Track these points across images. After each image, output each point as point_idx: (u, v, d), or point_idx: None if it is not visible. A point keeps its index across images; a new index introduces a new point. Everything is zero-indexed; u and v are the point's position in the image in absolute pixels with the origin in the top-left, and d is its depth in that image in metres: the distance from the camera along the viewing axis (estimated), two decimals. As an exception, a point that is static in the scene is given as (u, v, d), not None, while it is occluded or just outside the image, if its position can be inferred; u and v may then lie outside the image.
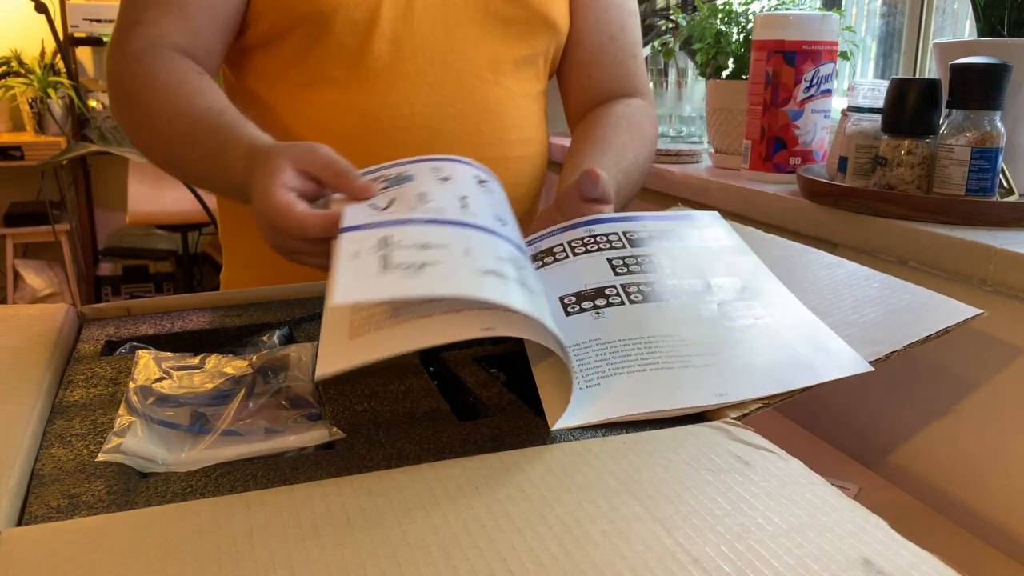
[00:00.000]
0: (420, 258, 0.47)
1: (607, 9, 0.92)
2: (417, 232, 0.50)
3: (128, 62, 0.76)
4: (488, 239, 0.52)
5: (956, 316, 0.58)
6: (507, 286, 0.47)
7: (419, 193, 0.56)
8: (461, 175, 0.61)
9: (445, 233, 0.51)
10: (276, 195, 0.56)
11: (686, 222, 0.72)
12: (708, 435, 0.48)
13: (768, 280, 0.65)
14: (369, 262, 0.47)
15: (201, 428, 0.51)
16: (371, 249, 0.48)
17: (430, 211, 0.53)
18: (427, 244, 0.49)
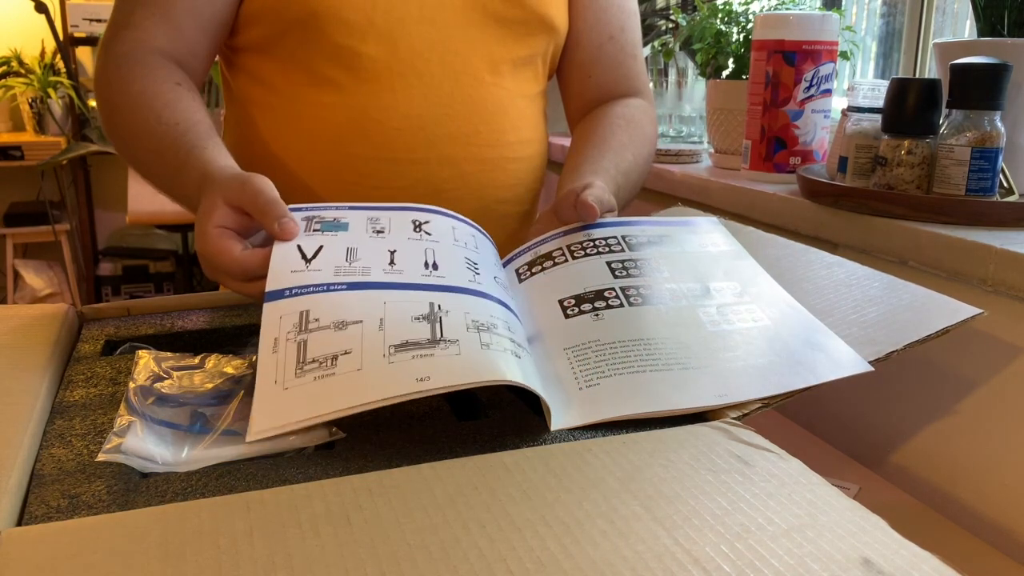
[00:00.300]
0: (335, 345, 0.50)
1: (607, 9, 0.92)
2: (336, 303, 0.53)
3: (110, 67, 0.77)
4: (408, 296, 0.55)
5: (956, 316, 0.58)
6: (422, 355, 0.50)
7: (348, 248, 0.59)
8: (396, 224, 0.63)
9: (364, 301, 0.54)
10: (209, 235, 0.59)
11: (685, 228, 0.72)
12: (708, 435, 0.48)
13: (767, 283, 0.65)
14: (287, 358, 0.50)
15: (201, 428, 0.51)
16: (290, 333, 0.52)
17: (354, 272, 0.56)
18: (343, 321, 0.52)
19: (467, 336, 0.51)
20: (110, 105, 0.76)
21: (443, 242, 0.62)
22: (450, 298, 0.55)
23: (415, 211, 0.65)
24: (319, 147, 0.82)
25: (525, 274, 0.67)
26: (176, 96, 0.74)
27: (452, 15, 0.83)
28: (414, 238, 0.62)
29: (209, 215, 0.60)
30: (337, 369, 0.49)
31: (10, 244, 3.12)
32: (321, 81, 0.81)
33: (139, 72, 0.75)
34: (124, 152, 0.78)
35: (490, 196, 0.85)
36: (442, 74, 0.83)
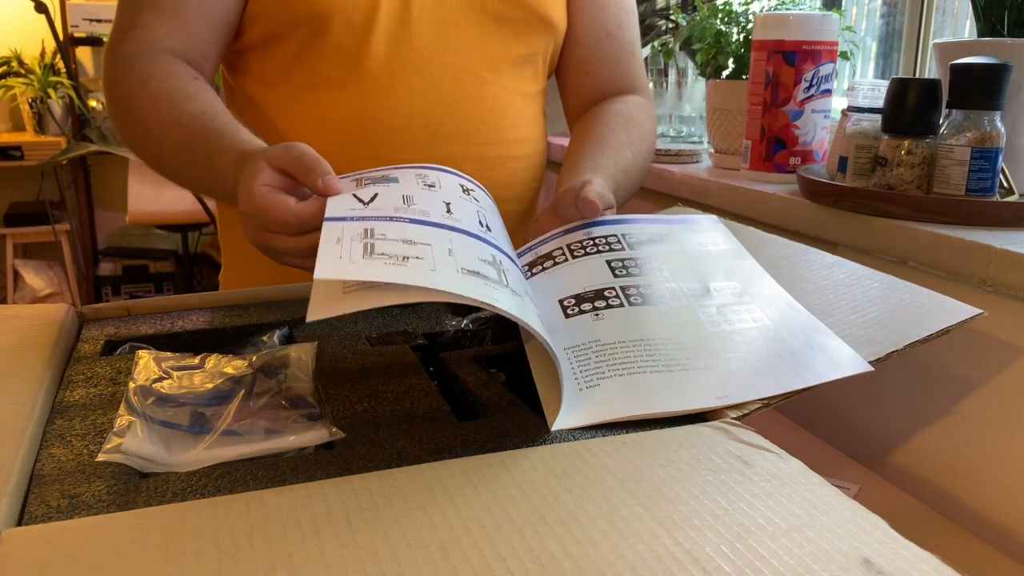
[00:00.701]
0: (403, 251, 0.47)
1: (604, 7, 0.92)
2: (400, 229, 0.51)
3: (122, 67, 0.76)
4: (471, 242, 0.53)
5: (956, 316, 0.58)
6: (488, 287, 0.48)
7: (403, 195, 0.56)
8: (446, 183, 0.62)
9: (428, 233, 0.51)
10: (257, 193, 0.57)
11: (685, 226, 0.72)
12: (708, 435, 0.48)
13: (767, 283, 0.65)
14: (353, 248, 0.47)
15: (201, 428, 0.51)
16: (354, 237, 0.48)
17: (414, 212, 0.54)
18: (411, 240, 0.49)
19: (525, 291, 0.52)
20: (126, 104, 0.76)
21: (489, 211, 0.61)
22: (505, 259, 0.54)
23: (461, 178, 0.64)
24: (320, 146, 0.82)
25: (526, 275, 0.67)
26: (196, 89, 0.74)
27: (452, 15, 0.83)
28: (464, 199, 0.60)
29: (254, 177, 0.58)
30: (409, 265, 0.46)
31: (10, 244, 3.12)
32: (322, 81, 0.82)
33: (154, 69, 0.75)
34: (143, 149, 0.77)
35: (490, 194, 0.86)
36: (442, 73, 0.83)
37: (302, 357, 0.60)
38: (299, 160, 0.58)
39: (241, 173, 0.61)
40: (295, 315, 0.70)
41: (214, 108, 0.72)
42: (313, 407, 0.54)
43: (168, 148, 0.73)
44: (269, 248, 0.59)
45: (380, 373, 0.58)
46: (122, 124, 0.78)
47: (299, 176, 0.58)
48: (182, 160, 0.72)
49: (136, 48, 0.76)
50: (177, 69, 0.75)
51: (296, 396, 0.55)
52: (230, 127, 0.69)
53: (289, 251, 0.59)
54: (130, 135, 0.78)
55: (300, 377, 0.58)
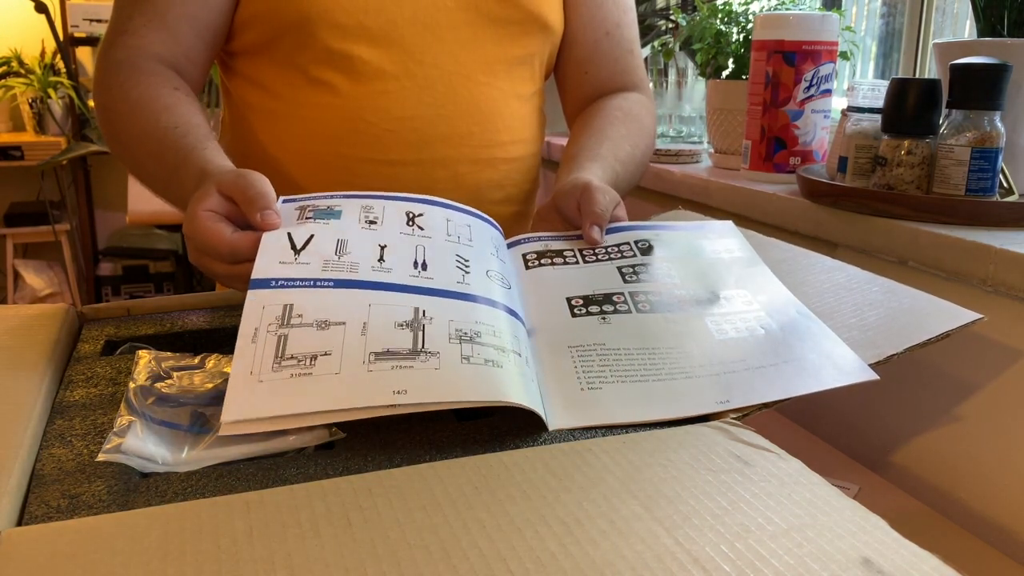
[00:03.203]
0: (315, 345, 0.50)
1: (602, 6, 0.92)
2: (320, 301, 0.53)
3: (109, 73, 0.77)
4: (394, 298, 0.54)
5: (956, 320, 0.58)
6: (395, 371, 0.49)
7: (339, 239, 0.59)
8: (389, 215, 0.63)
9: (349, 301, 0.53)
10: (198, 217, 0.59)
11: (699, 232, 0.72)
12: (708, 435, 0.48)
13: (778, 290, 0.65)
14: (265, 351, 0.49)
15: (201, 428, 0.51)
16: (271, 324, 0.51)
17: (342, 267, 0.56)
18: (326, 321, 0.51)
19: (448, 348, 0.51)
20: (109, 111, 0.77)
21: (435, 238, 0.62)
22: (436, 303, 0.55)
23: (410, 202, 0.65)
24: (313, 148, 0.82)
25: (533, 263, 0.67)
26: (174, 100, 0.74)
27: (445, 16, 0.83)
28: (406, 232, 0.61)
29: (200, 200, 0.60)
30: (315, 370, 0.48)
31: (10, 244, 3.12)
32: (315, 83, 0.82)
33: (137, 78, 0.75)
34: (122, 156, 0.78)
35: (484, 196, 0.86)
36: (435, 75, 0.83)
37: (302, 357, 0.59)
38: (245, 191, 0.60)
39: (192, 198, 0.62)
40: (295, 315, 0.70)
41: (188, 122, 0.72)
42: (313, 407, 0.54)
43: (143, 158, 0.75)
44: (206, 270, 0.61)
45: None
46: (105, 130, 0.79)
47: (242, 206, 0.60)
48: (153, 170, 0.74)
49: (124, 55, 0.77)
50: (159, 79, 0.76)
51: (296, 396, 0.55)
52: (199, 143, 0.70)
53: (222, 277, 0.61)
54: (112, 142, 0.79)
55: (300, 377, 0.57)
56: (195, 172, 0.66)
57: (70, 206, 3.23)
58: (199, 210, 0.59)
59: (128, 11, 0.79)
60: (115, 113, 0.76)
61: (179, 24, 0.78)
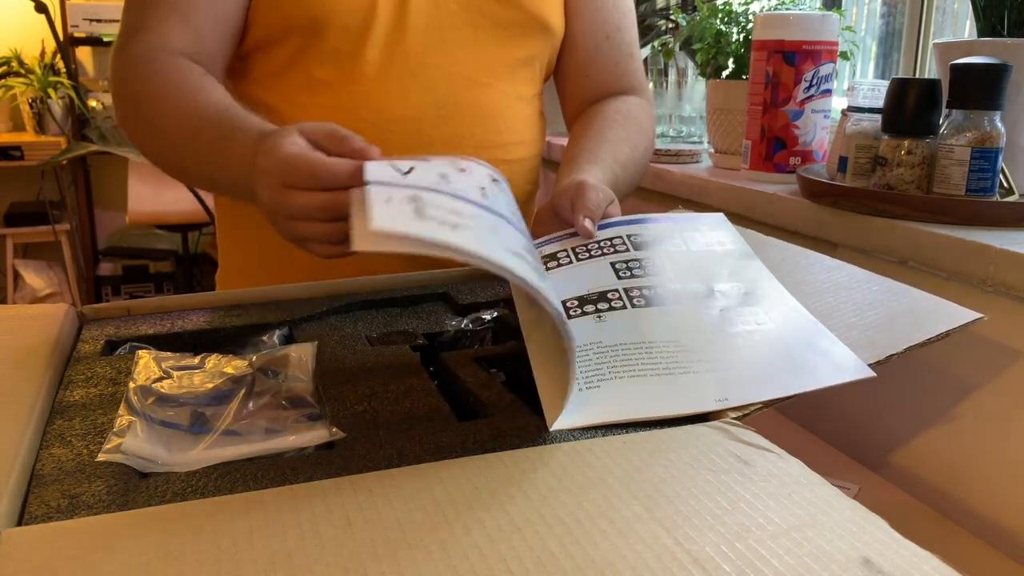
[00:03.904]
0: (452, 220, 0.46)
1: (602, 10, 0.92)
2: (446, 201, 0.49)
3: (131, 67, 0.76)
4: (508, 228, 0.52)
5: (956, 320, 0.58)
6: (532, 272, 0.47)
7: (439, 173, 0.54)
8: (477, 170, 0.61)
9: (471, 210, 0.50)
10: (285, 147, 0.56)
11: (690, 224, 0.72)
12: (708, 435, 0.48)
13: (772, 285, 0.65)
14: (403, 208, 0.45)
15: (201, 428, 0.51)
16: (403, 200, 0.47)
17: (454, 190, 0.52)
18: (457, 212, 0.48)
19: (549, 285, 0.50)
20: (135, 101, 0.76)
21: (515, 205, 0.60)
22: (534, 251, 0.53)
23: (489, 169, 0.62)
24: None
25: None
26: (208, 83, 0.74)
27: (449, 18, 0.83)
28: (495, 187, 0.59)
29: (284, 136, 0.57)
30: (460, 231, 0.45)
31: (10, 244, 3.12)
32: (316, 84, 0.82)
33: (164, 67, 0.74)
34: (151, 147, 0.77)
35: None
36: (437, 76, 0.83)
37: (302, 357, 0.60)
38: (333, 132, 0.57)
39: (265, 142, 0.59)
40: (295, 315, 0.70)
41: (227, 100, 0.71)
42: (313, 407, 0.54)
43: (177, 140, 0.73)
44: (285, 208, 0.57)
45: (380, 373, 0.58)
46: (130, 124, 0.78)
47: (333, 144, 0.57)
48: (192, 151, 0.72)
49: (144, 50, 0.76)
50: (187, 67, 0.75)
51: (296, 396, 0.55)
52: (245, 115, 0.69)
53: (308, 208, 0.56)
54: (138, 134, 0.77)
55: (300, 377, 0.58)
56: (251, 137, 0.64)
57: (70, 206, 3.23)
58: (284, 143, 0.56)
59: (144, 9, 0.78)
60: (142, 102, 0.75)
61: (199, 20, 0.78)
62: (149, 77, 0.74)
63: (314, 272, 0.82)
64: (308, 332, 0.67)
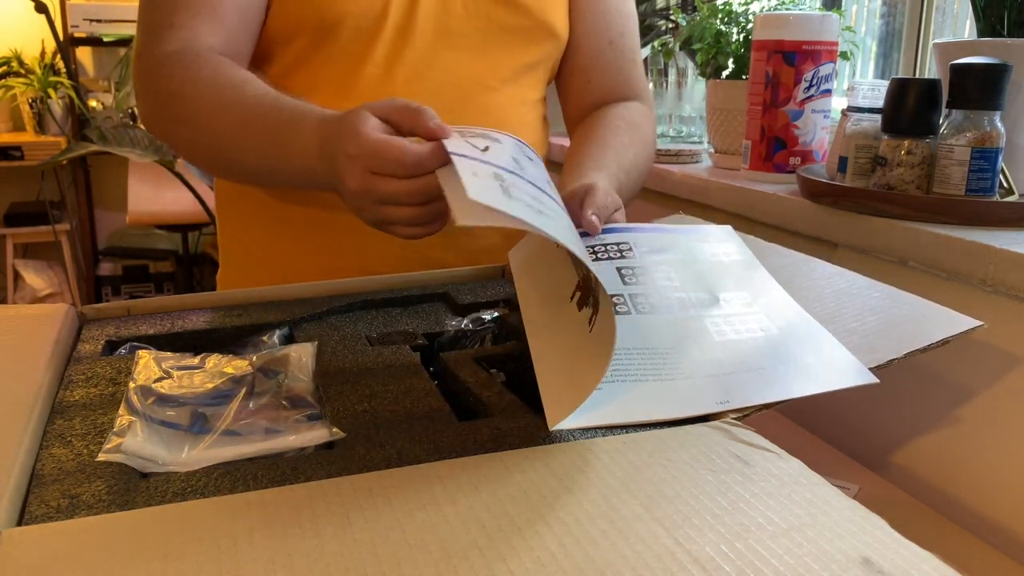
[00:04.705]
0: (536, 205, 0.47)
1: (605, 14, 0.92)
2: (524, 186, 0.50)
3: (164, 63, 0.75)
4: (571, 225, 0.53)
5: (956, 327, 0.58)
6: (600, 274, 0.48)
7: (513, 157, 0.55)
8: (539, 162, 0.61)
9: (548, 201, 0.50)
10: (370, 134, 0.57)
11: (698, 235, 0.72)
12: (708, 435, 0.48)
13: (777, 292, 0.65)
14: (491, 184, 0.46)
15: (201, 428, 0.51)
16: (488, 176, 0.47)
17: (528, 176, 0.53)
18: (538, 199, 0.48)
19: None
20: (173, 98, 0.74)
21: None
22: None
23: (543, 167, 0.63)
24: None
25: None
26: (250, 75, 0.73)
27: (456, 23, 0.83)
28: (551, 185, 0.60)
29: (363, 122, 0.58)
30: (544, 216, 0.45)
31: (10, 244, 3.12)
32: (324, 85, 0.82)
33: (202, 62, 0.74)
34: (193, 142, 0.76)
35: None
36: (445, 80, 0.83)
37: (302, 357, 0.60)
38: (405, 107, 0.58)
39: (338, 126, 0.60)
40: (295, 315, 0.70)
41: (272, 91, 0.71)
42: (313, 407, 0.54)
43: (228, 131, 0.72)
44: (375, 193, 0.58)
45: (380, 373, 0.58)
46: (169, 119, 0.76)
47: (406, 122, 0.58)
48: (247, 141, 0.71)
49: (178, 46, 0.75)
50: (224, 60, 0.75)
51: (296, 396, 0.55)
52: (298, 102, 0.69)
53: (398, 195, 0.57)
54: (177, 130, 0.76)
55: (300, 377, 0.58)
56: (313, 122, 0.64)
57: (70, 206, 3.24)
58: (366, 128, 0.57)
59: (169, 7, 0.77)
60: (182, 97, 0.73)
61: (228, 16, 0.77)
62: (188, 71, 0.73)
63: (314, 272, 0.82)
64: (308, 332, 0.67)
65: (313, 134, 0.65)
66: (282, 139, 0.68)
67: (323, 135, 0.64)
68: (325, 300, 0.74)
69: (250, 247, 0.91)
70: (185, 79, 0.73)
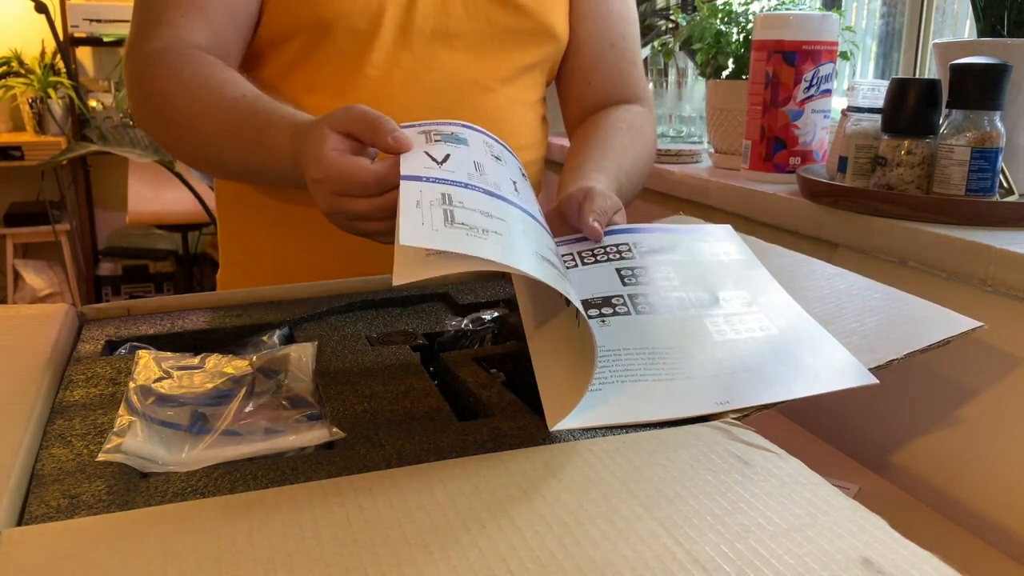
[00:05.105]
0: (482, 223, 0.47)
1: (607, 17, 0.92)
2: (477, 199, 0.50)
3: (151, 61, 0.75)
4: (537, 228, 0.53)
5: (956, 328, 0.58)
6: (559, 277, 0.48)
7: (475, 161, 0.55)
8: (510, 160, 0.61)
9: (504, 209, 0.51)
10: (329, 157, 0.57)
11: (697, 235, 0.72)
12: (708, 435, 0.48)
13: (777, 292, 0.65)
14: (434, 214, 0.46)
15: (201, 428, 0.51)
16: (434, 202, 0.48)
17: (487, 183, 0.53)
18: (488, 213, 0.48)
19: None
20: (161, 96, 0.75)
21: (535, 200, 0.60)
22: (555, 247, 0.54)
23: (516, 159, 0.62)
24: None
25: None
26: (232, 76, 0.74)
27: (455, 24, 0.83)
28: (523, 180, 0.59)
29: (322, 143, 0.58)
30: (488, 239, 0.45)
31: (10, 244, 3.12)
32: (322, 86, 0.82)
33: (186, 61, 0.74)
34: (179, 141, 0.77)
35: None
36: (443, 81, 0.83)
37: (302, 357, 0.60)
38: (363, 119, 0.58)
39: (304, 143, 0.61)
40: (295, 315, 0.70)
41: (254, 92, 0.72)
42: (313, 407, 0.54)
43: (211, 134, 0.72)
44: (344, 213, 0.59)
45: (380, 373, 0.58)
46: (156, 118, 0.77)
47: (365, 136, 0.58)
48: (227, 143, 0.72)
49: (164, 44, 0.75)
50: (208, 59, 0.75)
51: (296, 396, 0.55)
52: (276, 105, 0.69)
53: (368, 213, 0.58)
54: (164, 129, 0.77)
55: (300, 377, 0.58)
56: (287, 129, 0.65)
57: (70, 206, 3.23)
58: (326, 151, 0.58)
59: (160, 4, 0.77)
60: (170, 96, 0.74)
61: (217, 15, 0.77)
62: (175, 70, 0.74)
63: (314, 272, 0.82)
64: (308, 332, 0.67)
65: (287, 141, 0.65)
66: (258, 143, 0.68)
67: (295, 144, 0.64)
68: (325, 300, 0.74)
69: (250, 247, 0.91)
70: (170, 79, 0.74)
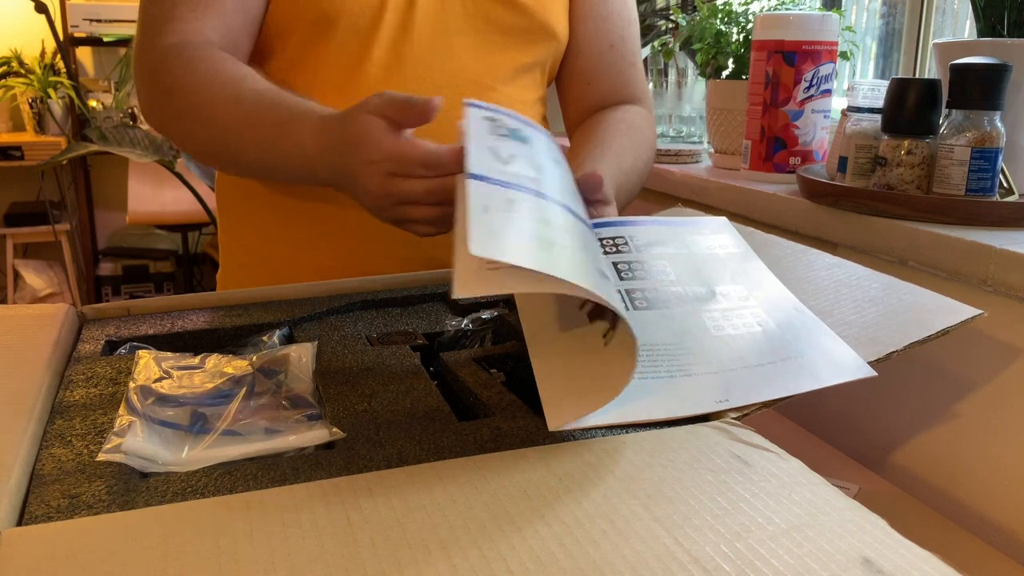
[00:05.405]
0: (548, 234, 0.46)
1: (607, 18, 0.92)
2: (541, 207, 0.50)
3: (164, 57, 0.75)
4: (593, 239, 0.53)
5: (956, 316, 0.58)
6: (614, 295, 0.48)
7: (537, 164, 0.55)
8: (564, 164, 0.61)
9: (566, 220, 0.51)
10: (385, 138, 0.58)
11: (693, 228, 0.72)
12: (708, 435, 0.48)
13: (774, 286, 0.65)
14: (503, 221, 0.46)
15: (201, 428, 0.51)
16: (500, 207, 0.47)
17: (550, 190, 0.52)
18: (551, 223, 0.48)
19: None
20: (173, 92, 0.74)
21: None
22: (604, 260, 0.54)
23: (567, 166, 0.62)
24: None
25: None
26: (249, 71, 0.74)
27: (455, 23, 0.83)
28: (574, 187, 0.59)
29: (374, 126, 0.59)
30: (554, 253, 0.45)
31: (10, 244, 3.12)
32: (322, 84, 0.82)
33: (201, 56, 0.74)
34: (193, 137, 0.76)
35: None
36: (442, 80, 0.83)
37: (302, 357, 0.60)
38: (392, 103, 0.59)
39: (350, 128, 0.61)
40: (295, 315, 0.70)
41: (272, 87, 0.72)
42: (313, 407, 0.54)
43: (230, 127, 0.72)
44: (397, 195, 0.59)
45: (380, 373, 0.58)
46: (171, 113, 0.76)
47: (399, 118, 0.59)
48: (248, 136, 0.71)
49: (178, 39, 0.75)
50: (222, 54, 0.75)
51: (296, 396, 0.55)
52: (297, 99, 0.69)
53: (421, 195, 0.59)
54: (179, 124, 0.76)
55: (300, 377, 0.58)
56: (312, 122, 0.66)
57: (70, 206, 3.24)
58: (380, 132, 0.58)
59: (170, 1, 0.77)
60: (183, 91, 0.74)
61: (228, 10, 0.77)
62: (192, 65, 0.73)
63: (315, 271, 0.82)
64: (308, 332, 0.67)
65: (313, 134, 0.65)
66: (280, 137, 0.68)
67: (325, 137, 0.64)
68: (325, 300, 0.74)
69: (251, 246, 0.91)
70: (185, 73, 0.73)
